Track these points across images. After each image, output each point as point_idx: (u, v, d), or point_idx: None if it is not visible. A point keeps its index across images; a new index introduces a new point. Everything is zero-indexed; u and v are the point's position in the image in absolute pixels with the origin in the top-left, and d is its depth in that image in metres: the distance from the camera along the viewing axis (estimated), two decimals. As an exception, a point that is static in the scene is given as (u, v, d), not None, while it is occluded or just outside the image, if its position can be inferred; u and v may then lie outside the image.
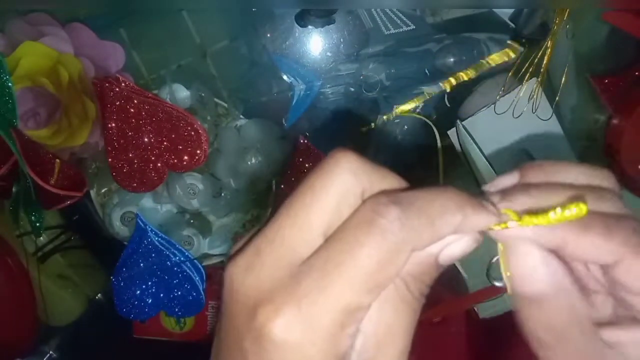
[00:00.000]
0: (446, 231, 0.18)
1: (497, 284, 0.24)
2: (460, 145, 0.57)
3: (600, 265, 0.21)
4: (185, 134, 0.52)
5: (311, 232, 0.18)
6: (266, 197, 0.62)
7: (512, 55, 0.55)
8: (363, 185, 0.19)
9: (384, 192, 0.19)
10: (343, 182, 0.18)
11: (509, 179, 0.21)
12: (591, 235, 0.19)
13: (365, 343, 0.18)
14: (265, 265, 0.18)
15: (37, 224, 0.58)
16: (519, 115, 0.55)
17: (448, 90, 0.56)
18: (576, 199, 0.19)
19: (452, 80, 0.56)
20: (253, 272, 0.18)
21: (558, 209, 0.19)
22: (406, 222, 0.18)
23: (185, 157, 0.53)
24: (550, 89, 0.57)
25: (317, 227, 0.18)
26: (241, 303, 0.18)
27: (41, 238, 0.62)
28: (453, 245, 0.19)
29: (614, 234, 0.19)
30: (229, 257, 0.20)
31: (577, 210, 0.18)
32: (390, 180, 0.19)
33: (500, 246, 0.21)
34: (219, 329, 0.20)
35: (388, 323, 0.19)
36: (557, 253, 0.20)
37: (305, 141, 0.57)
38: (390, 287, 0.19)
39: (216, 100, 0.59)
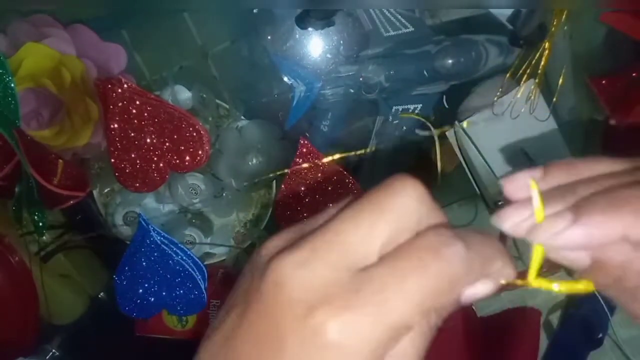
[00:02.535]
0: (489, 274, 0.20)
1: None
2: (459, 146, 0.58)
3: None
4: (187, 134, 0.53)
5: (371, 243, 0.19)
6: (267, 197, 0.63)
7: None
8: (421, 214, 0.20)
9: (443, 226, 0.20)
10: (408, 206, 0.19)
11: (528, 175, 0.21)
12: None
13: None
14: (322, 265, 0.18)
15: (40, 224, 0.58)
16: (517, 116, 0.55)
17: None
18: (586, 276, 0.21)
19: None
20: (307, 269, 0.18)
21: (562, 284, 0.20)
22: (467, 258, 0.19)
23: (187, 158, 0.54)
24: (548, 90, 0.57)
25: (377, 241, 0.19)
26: (290, 297, 0.18)
27: (44, 237, 0.62)
28: (479, 288, 0.20)
29: None
30: (261, 249, 0.21)
31: (584, 287, 0.20)
32: (441, 216, 0.21)
33: (537, 248, 0.21)
34: (234, 313, 0.20)
35: (402, 349, 0.19)
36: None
37: (306, 142, 0.57)
38: None
39: (217, 101, 0.59)
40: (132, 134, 0.53)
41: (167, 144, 0.53)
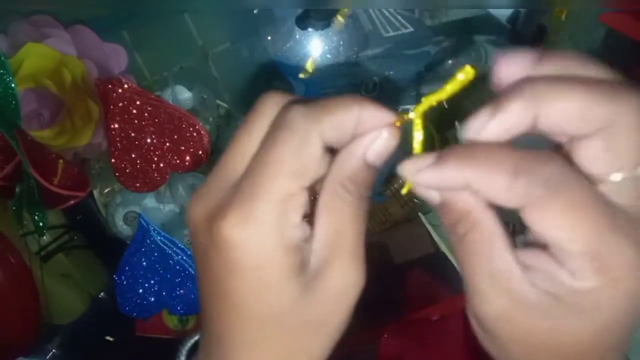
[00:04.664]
0: (346, 120, 0.21)
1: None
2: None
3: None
4: (188, 135, 0.53)
5: (245, 154, 0.21)
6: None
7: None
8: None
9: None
10: (268, 111, 0.22)
11: (522, 59, 0.21)
12: (494, 180, 0.19)
13: (320, 245, 0.21)
14: (212, 190, 0.21)
15: (41, 224, 0.58)
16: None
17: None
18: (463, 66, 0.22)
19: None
20: (202, 198, 0.22)
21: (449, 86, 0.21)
22: (307, 113, 0.21)
23: (188, 158, 0.54)
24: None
25: (249, 150, 0.21)
26: (198, 225, 0.21)
27: (44, 237, 0.62)
28: (373, 142, 0.22)
29: (519, 177, 0.18)
30: None
31: (465, 75, 0.21)
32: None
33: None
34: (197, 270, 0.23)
35: (337, 225, 0.21)
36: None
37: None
38: (333, 195, 0.21)
39: (218, 101, 0.59)
40: (133, 134, 0.53)
41: (168, 144, 0.54)
